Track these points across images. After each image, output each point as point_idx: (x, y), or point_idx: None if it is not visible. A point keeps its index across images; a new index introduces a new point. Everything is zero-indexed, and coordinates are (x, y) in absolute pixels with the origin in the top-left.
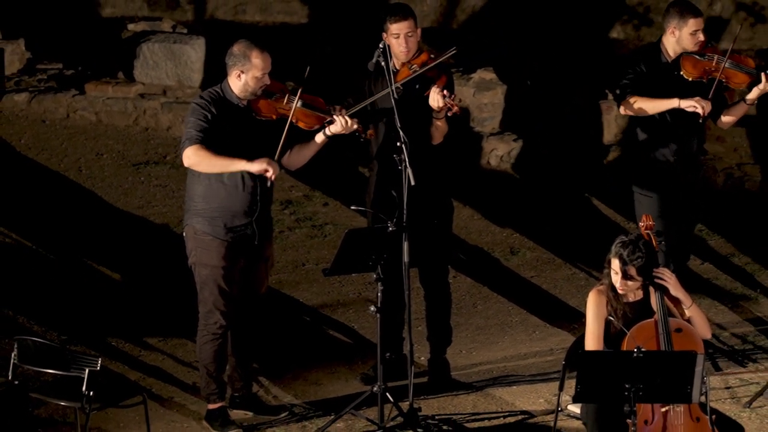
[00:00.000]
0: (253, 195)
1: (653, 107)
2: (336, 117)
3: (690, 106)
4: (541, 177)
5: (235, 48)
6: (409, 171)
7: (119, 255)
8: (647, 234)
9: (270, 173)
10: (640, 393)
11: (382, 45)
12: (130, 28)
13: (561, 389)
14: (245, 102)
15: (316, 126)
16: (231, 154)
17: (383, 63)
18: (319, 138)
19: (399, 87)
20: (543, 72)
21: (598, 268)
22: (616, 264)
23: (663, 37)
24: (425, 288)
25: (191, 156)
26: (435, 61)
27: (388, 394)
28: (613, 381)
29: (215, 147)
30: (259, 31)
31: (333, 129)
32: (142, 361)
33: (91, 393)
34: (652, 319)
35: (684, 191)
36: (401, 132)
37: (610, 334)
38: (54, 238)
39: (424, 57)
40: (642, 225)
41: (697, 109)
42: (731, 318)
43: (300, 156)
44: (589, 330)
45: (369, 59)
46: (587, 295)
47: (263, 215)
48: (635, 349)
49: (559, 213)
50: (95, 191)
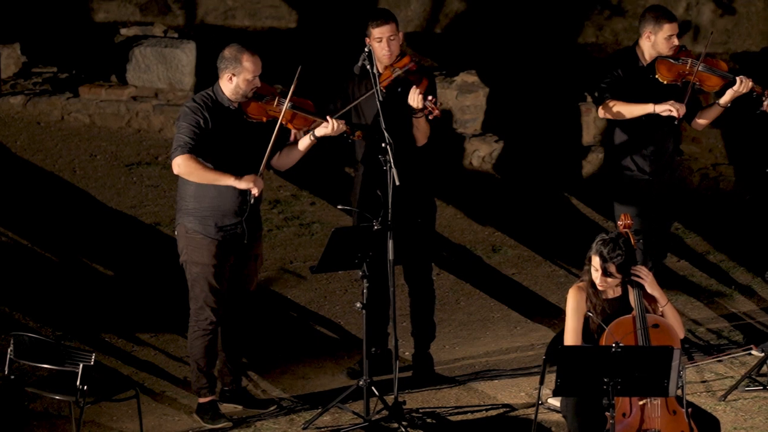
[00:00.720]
0: (243, 195)
1: (630, 111)
2: (325, 119)
3: (665, 110)
4: (522, 177)
5: (227, 52)
6: (394, 171)
7: (112, 253)
8: (626, 232)
9: (255, 191)
10: (618, 387)
11: (367, 49)
12: (122, 32)
13: (541, 383)
14: (236, 104)
15: (305, 128)
16: (222, 156)
17: (368, 66)
18: (308, 140)
19: (383, 90)
20: (524, 75)
21: (577, 265)
22: (596, 261)
23: (639, 42)
24: (409, 285)
25: (181, 165)
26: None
27: (373, 388)
28: (592, 375)
29: (207, 150)
30: (248, 36)
31: (321, 131)
32: (134, 357)
33: (85, 387)
34: (630, 315)
35: (660, 191)
36: (386, 133)
37: (589, 329)
38: (49, 237)
39: (406, 60)
40: (620, 224)
41: (672, 113)
42: (707, 314)
43: (289, 158)
44: (569, 325)
45: (353, 63)
46: (567, 292)
47: (253, 214)
48: (614, 344)
49: (540, 212)
50: (89, 191)
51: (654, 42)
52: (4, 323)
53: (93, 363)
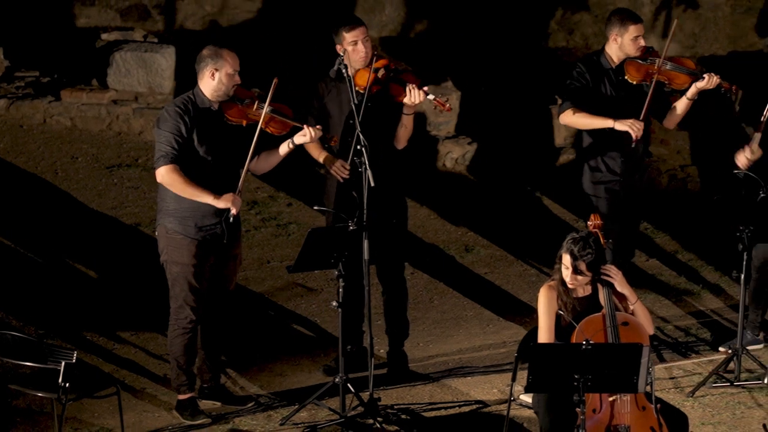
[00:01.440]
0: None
1: (589, 124)
2: (303, 125)
3: (624, 128)
4: (495, 178)
5: (205, 51)
6: (369, 173)
7: (94, 253)
8: (596, 232)
9: (234, 210)
10: (588, 383)
11: (342, 52)
12: (103, 37)
13: (513, 380)
14: (217, 105)
15: (284, 132)
16: (203, 159)
17: (344, 70)
18: (287, 147)
19: (362, 91)
20: (497, 78)
21: (548, 264)
22: (567, 259)
23: (606, 45)
24: (383, 284)
25: (165, 176)
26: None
27: (349, 384)
28: (563, 372)
29: (188, 154)
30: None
31: (300, 139)
32: (115, 354)
33: (67, 384)
34: (600, 313)
35: (629, 192)
36: (361, 135)
37: (560, 327)
38: (31, 237)
39: (384, 61)
40: (591, 224)
41: (631, 133)
42: (675, 311)
43: (267, 163)
44: (541, 323)
45: (326, 68)
46: (539, 291)
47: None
48: (584, 342)
49: (512, 213)
50: (70, 193)
51: (621, 44)
52: None
53: (75, 361)
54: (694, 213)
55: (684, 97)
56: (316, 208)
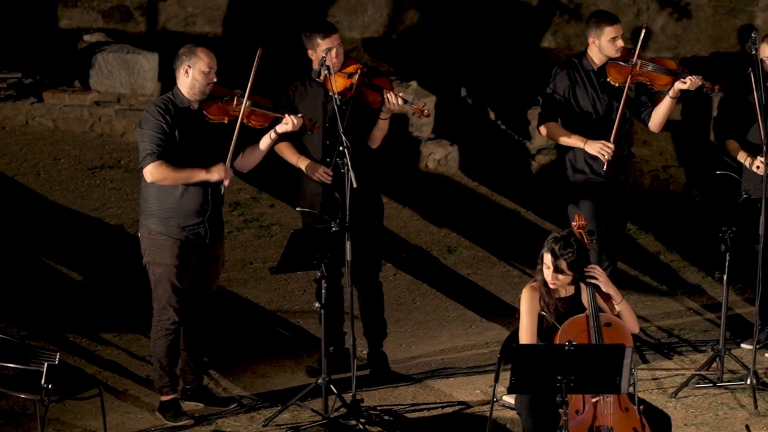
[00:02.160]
0: (205, 195)
1: (563, 140)
2: (283, 115)
3: (594, 152)
4: (478, 179)
5: (181, 50)
6: (352, 174)
7: (76, 255)
8: (580, 233)
9: (226, 181)
10: (571, 384)
11: (324, 54)
12: (85, 39)
13: (496, 381)
14: (196, 105)
15: (266, 124)
16: (186, 158)
17: (327, 72)
18: (268, 138)
19: (338, 97)
20: (480, 79)
21: (531, 265)
22: (548, 258)
23: (587, 48)
24: (357, 286)
25: (154, 173)
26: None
27: (332, 386)
28: (546, 373)
29: (171, 153)
30: (209, 42)
31: (282, 128)
32: (98, 356)
33: (50, 386)
34: (583, 314)
35: (614, 193)
36: (343, 137)
37: (543, 328)
38: (14, 238)
39: (355, 66)
40: (575, 224)
41: (602, 156)
42: (658, 312)
43: (251, 158)
44: (523, 324)
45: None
46: (521, 292)
47: (215, 215)
48: (567, 343)
49: (495, 214)
50: (53, 194)
51: (600, 46)
52: None
53: (57, 362)
54: (676, 214)
55: (667, 97)
56: (298, 209)
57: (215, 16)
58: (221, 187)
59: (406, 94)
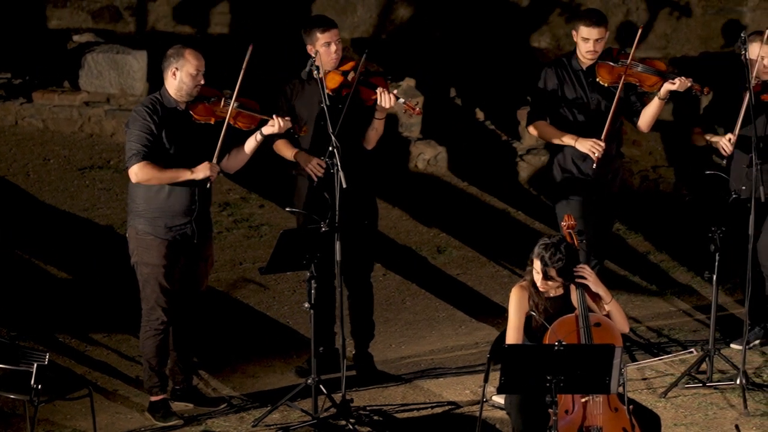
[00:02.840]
0: (192, 195)
1: (552, 139)
2: (270, 117)
3: (585, 149)
4: (467, 179)
5: (169, 51)
6: (341, 174)
7: (66, 255)
8: (569, 233)
9: (213, 176)
10: (561, 384)
11: (314, 53)
12: (75, 39)
13: (486, 381)
14: (183, 105)
15: (253, 126)
16: (173, 159)
17: (316, 72)
18: (254, 140)
19: (331, 94)
20: (466, 80)
21: (520, 265)
22: (537, 265)
23: (576, 47)
24: (348, 287)
25: (138, 173)
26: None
27: (321, 386)
28: (536, 373)
29: (158, 154)
30: (197, 42)
31: (268, 130)
32: (88, 356)
33: (40, 386)
34: (573, 314)
35: (602, 193)
36: (333, 137)
37: (532, 328)
38: (3, 239)
39: (352, 63)
40: (564, 224)
41: (592, 154)
42: (647, 312)
43: (238, 159)
44: (511, 324)
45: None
46: (511, 292)
47: (202, 215)
48: (556, 343)
49: (484, 214)
50: (42, 195)
51: (578, 46)
52: None
53: (47, 363)
54: (666, 214)
55: (656, 97)
56: (288, 209)
57: (205, 16)
58: (208, 183)
59: (397, 92)
